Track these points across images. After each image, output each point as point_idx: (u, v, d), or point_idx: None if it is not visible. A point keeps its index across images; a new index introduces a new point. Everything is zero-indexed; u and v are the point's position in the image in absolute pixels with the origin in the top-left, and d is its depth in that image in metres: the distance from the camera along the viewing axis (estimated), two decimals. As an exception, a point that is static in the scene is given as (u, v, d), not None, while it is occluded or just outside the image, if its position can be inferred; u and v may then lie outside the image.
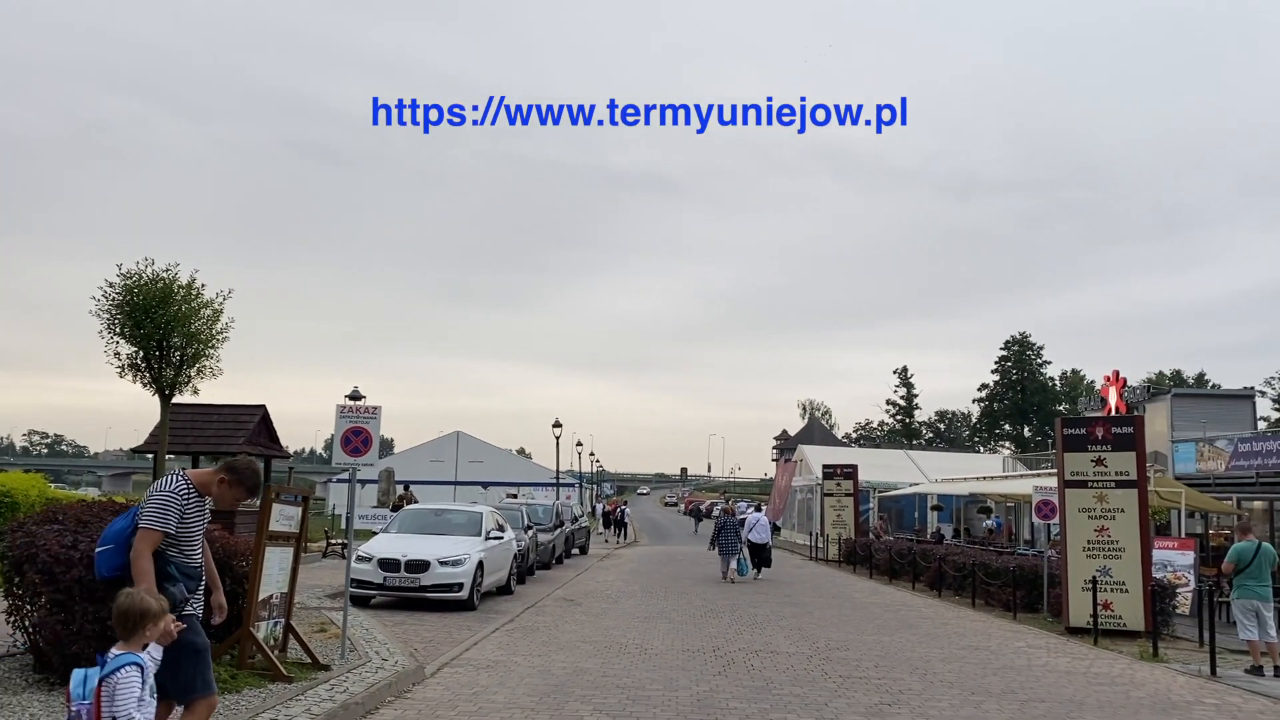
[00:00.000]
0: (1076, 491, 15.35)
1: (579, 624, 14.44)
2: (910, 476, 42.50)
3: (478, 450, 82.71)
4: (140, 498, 5.57)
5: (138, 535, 4.79)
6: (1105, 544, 15.02)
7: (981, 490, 31.97)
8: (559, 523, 27.24)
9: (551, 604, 17.12)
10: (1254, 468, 25.64)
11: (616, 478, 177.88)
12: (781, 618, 15.87)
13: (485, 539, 16.67)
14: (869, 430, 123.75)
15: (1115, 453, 15.16)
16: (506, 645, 12.15)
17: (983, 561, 19.16)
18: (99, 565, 5.00)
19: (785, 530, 50.23)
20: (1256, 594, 11.68)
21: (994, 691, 9.75)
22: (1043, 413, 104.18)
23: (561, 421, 50.14)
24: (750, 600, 18.63)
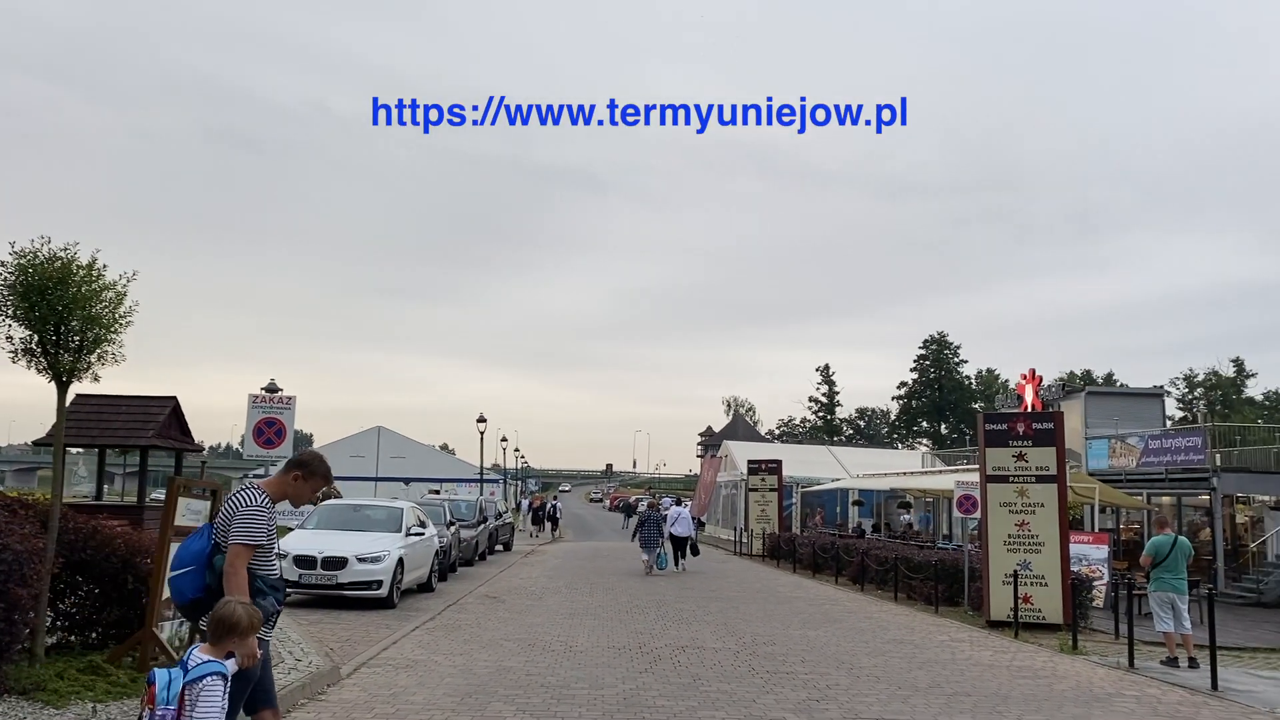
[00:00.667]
0: (998, 486, 15.52)
1: (502, 621, 14.14)
2: (832, 472, 42.97)
3: (399, 446, 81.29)
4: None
5: (232, 551, 4.71)
6: (1025, 538, 15.22)
7: (902, 485, 32.42)
8: (482, 519, 26.82)
9: (474, 601, 16.77)
10: (1163, 464, 26.37)
11: (542, 474, 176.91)
12: (707, 613, 15.77)
13: (405, 535, 16.24)
14: (792, 427, 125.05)
15: (1036, 448, 15.37)
16: (427, 644, 11.80)
17: (905, 556, 19.34)
18: (182, 589, 4.87)
19: (710, 525, 50.40)
20: (1173, 587, 11.91)
21: (920, 686, 9.74)
22: (959, 410, 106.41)
23: (486, 417, 49.53)
24: (676, 595, 18.51)
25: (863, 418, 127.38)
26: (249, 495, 4.90)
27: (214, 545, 4.83)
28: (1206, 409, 62.09)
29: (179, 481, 9.01)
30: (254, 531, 4.79)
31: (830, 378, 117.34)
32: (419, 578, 17.26)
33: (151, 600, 8.59)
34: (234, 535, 4.75)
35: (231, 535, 4.76)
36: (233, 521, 4.79)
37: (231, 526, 4.79)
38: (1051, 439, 15.35)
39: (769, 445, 64.86)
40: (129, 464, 34.72)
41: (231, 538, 4.75)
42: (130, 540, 9.25)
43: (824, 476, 41.63)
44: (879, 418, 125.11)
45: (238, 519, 4.79)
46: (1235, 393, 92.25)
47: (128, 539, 9.22)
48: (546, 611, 15.48)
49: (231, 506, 4.86)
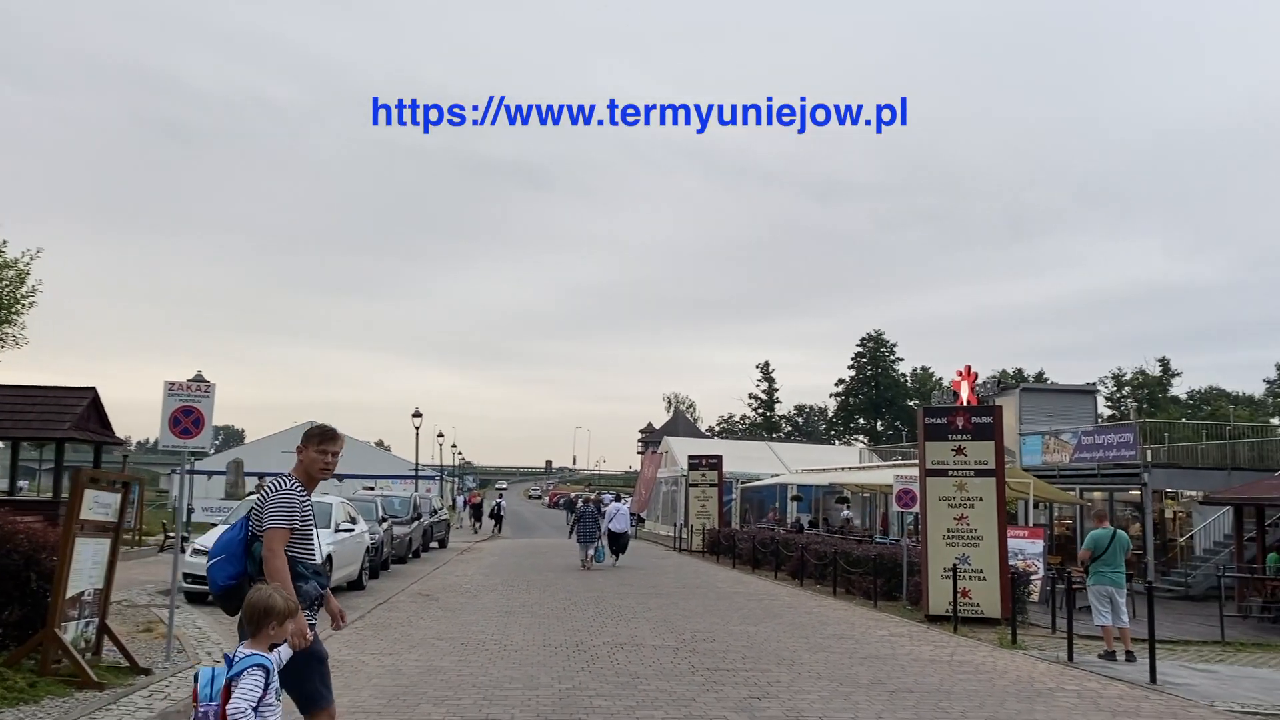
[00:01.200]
0: (937, 480, 15.49)
1: (435, 620, 13.71)
2: (772, 468, 43.05)
3: (333, 441, 79.74)
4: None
5: (268, 535, 4.68)
6: (964, 532, 15.20)
7: (841, 481, 32.52)
8: (416, 515, 26.26)
9: (406, 599, 16.30)
10: (1096, 460, 26.75)
11: (480, 470, 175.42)
12: (646, 609, 15.50)
13: (334, 531, 15.72)
14: (731, 423, 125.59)
15: (975, 442, 15.36)
16: (354, 644, 11.35)
17: (844, 550, 19.27)
18: (214, 577, 4.85)
19: (650, 521, 50.24)
20: (1111, 580, 11.92)
21: (862, 682, 9.56)
22: (895, 407, 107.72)
23: (422, 412, 48.72)
24: (615, 592, 18.22)
25: (801, 415, 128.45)
26: (279, 481, 4.90)
27: (251, 535, 4.79)
28: (1136, 406, 63.51)
29: (85, 474, 8.47)
30: (288, 512, 4.75)
31: (770, 375, 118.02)
32: (349, 575, 16.75)
33: (54, 598, 8.05)
34: (268, 519, 4.72)
35: (265, 519, 4.73)
36: (265, 507, 4.77)
37: (265, 513, 4.75)
38: (990, 433, 15.35)
39: (709, 441, 64.88)
40: (46, 458, 33.43)
41: (266, 523, 4.71)
42: (35, 536, 8.69)
43: (764, 472, 41.69)
44: (817, 415, 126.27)
45: (270, 503, 4.77)
46: (1161, 391, 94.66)
47: (31, 535, 8.66)
48: (481, 609, 15.08)
49: (263, 495, 4.86)
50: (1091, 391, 35.48)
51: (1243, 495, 19.87)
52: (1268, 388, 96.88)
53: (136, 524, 25.20)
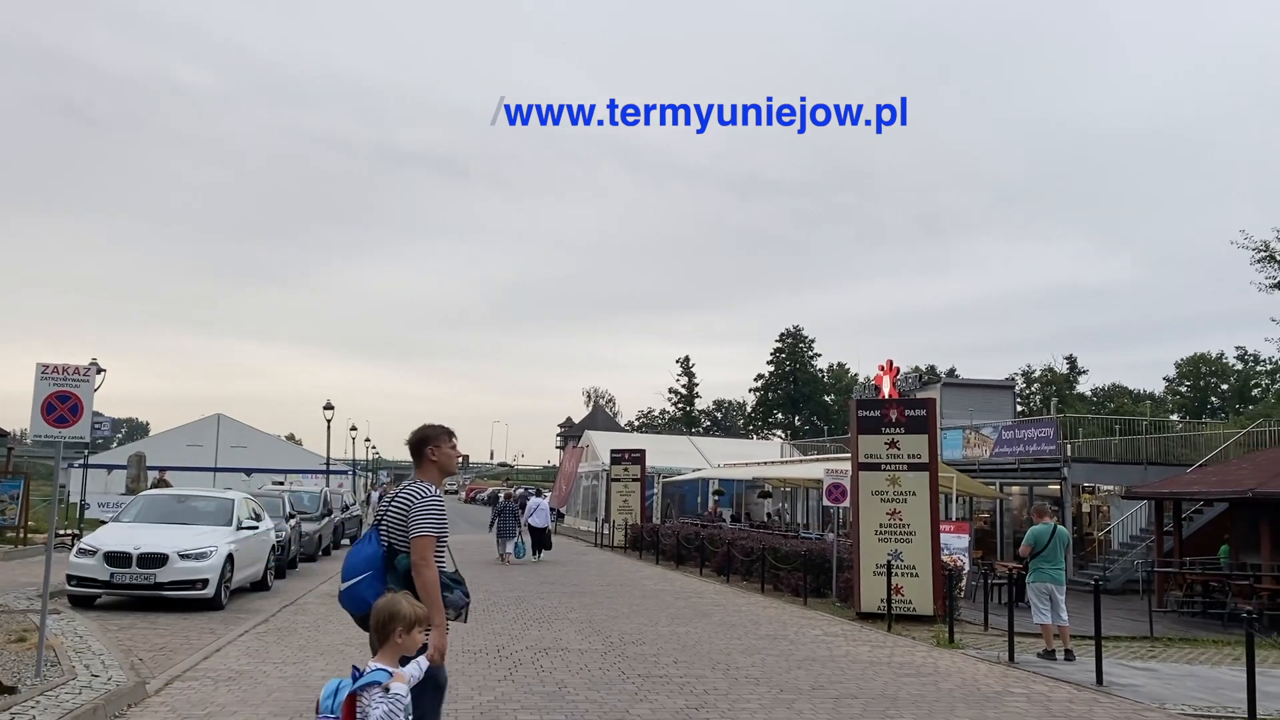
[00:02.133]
0: (870, 474, 15.12)
1: (344, 623, 12.79)
2: (694, 462, 42.69)
3: (241, 434, 77.22)
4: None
5: (419, 543, 4.43)
6: (897, 527, 14.86)
7: (765, 475, 32.24)
8: (326, 511, 25.13)
9: (315, 600, 15.35)
10: (1016, 454, 26.90)
11: (394, 465, 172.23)
12: (570, 609, 14.82)
13: (237, 529, 14.68)
14: (652, 418, 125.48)
15: (908, 435, 15.03)
16: (256, 651, 10.44)
17: (772, 546, 18.85)
18: (362, 596, 4.47)
19: (570, 517, 49.51)
20: (1051, 577, 11.64)
21: (803, 688, 9.04)
22: (812, 403, 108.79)
23: (335, 406, 47.20)
24: (536, 591, 17.50)
25: (720, 410, 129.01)
26: (421, 489, 4.62)
27: (389, 547, 4.53)
28: (1054, 400, 64.87)
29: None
30: (437, 522, 4.53)
31: (690, 370, 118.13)
32: (253, 575, 15.71)
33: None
34: (417, 528, 4.46)
35: (414, 529, 4.47)
36: (410, 516, 4.51)
37: (411, 521, 4.49)
38: (924, 426, 15.04)
39: (631, 435, 64.42)
40: (-75, 452, 31.36)
41: (414, 531, 4.46)
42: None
43: (685, 466, 41.30)
44: (736, 410, 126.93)
45: (417, 512, 4.50)
46: (1069, 388, 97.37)
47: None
48: (395, 611, 14.21)
49: (404, 504, 4.57)
50: (1009, 386, 35.87)
51: (1164, 490, 20.02)
52: (1167, 385, 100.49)
53: (20, 521, 23.59)
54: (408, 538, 4.47)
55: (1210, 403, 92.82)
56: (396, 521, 4.56)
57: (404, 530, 4.50)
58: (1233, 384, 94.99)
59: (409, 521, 4.49)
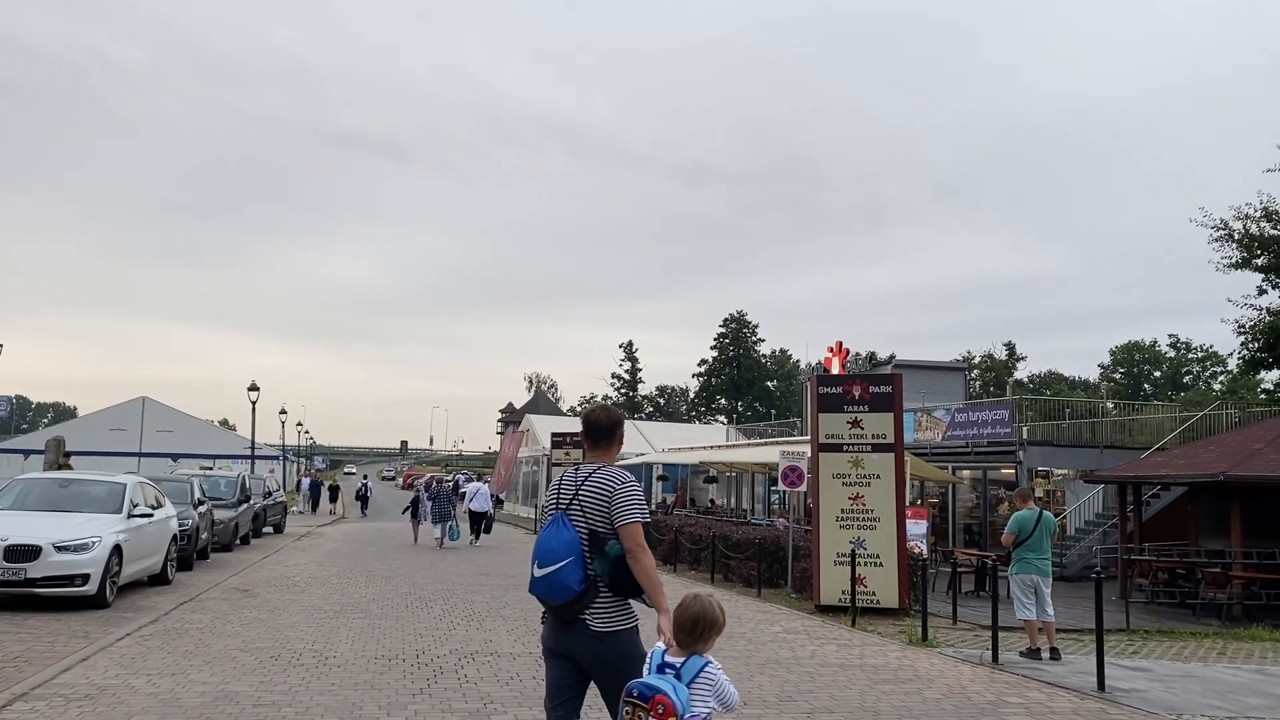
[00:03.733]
0: (831, 456, 13.97)
1: (246, 624, 11.32)
2: (637, 446, 41.46)
3: (167, 418, 74.41)
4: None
5: (631, 529, 4.15)
6: (860, 513, 13.73)
7: (712, 459, 31.09)
8: (244, 498, 23.37)
9: (219, 596, 13.78)
10: (969, 437, 26.07)
11: (332, 451, 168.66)
12: (504, 605, 13.46)
13: (128, 517, 13.05)
14: (594, 403, 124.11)
15: (873, 414, 13.89)
16: (131, 660, 8.91)
17: (723, 534, 17.64)
18: (564, 582, 4.11)
19: (510, 503, 48.06)
20: (1037, 568, 10.56)
21: (770, 700, 7.79)
22: (755, 388, 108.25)
23: (259, 385, 44.91)
24: (467, 584, 16.08)
25: (663, 395, 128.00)
26: (619, 474, 4.32)
27: (591, 531, 4.19)
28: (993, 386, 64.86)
29: None
30: (642, 507, 4.27)
31: (633, 354, 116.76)
32: (149, 568, 14.09)
33: None
34: (626, 515, 4.18)
35: (623, 516, 4.18)
36: (613, 502, 4.22)
37: (616, 507, 4.20)
38: (890, 404, 13.92)
39: (573, 419, 63.01)
40: None
41: (624, 518, 4.18)
42: None
43: (628, 451, 40.04)
44: (678, 395, 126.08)
45: (622, 498, 4.23)
46: (1008, 375, 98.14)
47: None
48: (306, 608, 12.73)
49: (601, 489, 4.26)
50: (961, 369, 35.15)
51: (1129, 473, 19.21)
52: (1102, 372, 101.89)
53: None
54: (608, 522, 4.18)
55: (1144, 389, 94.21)
56: (595, 505, 4.24)
57: (603, 515, 4.20)
58: (1165, 371, 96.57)
59: (610, 507, 4.20)
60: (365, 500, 49.29)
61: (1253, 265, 25.23)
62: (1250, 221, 24.92)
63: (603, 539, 4.15)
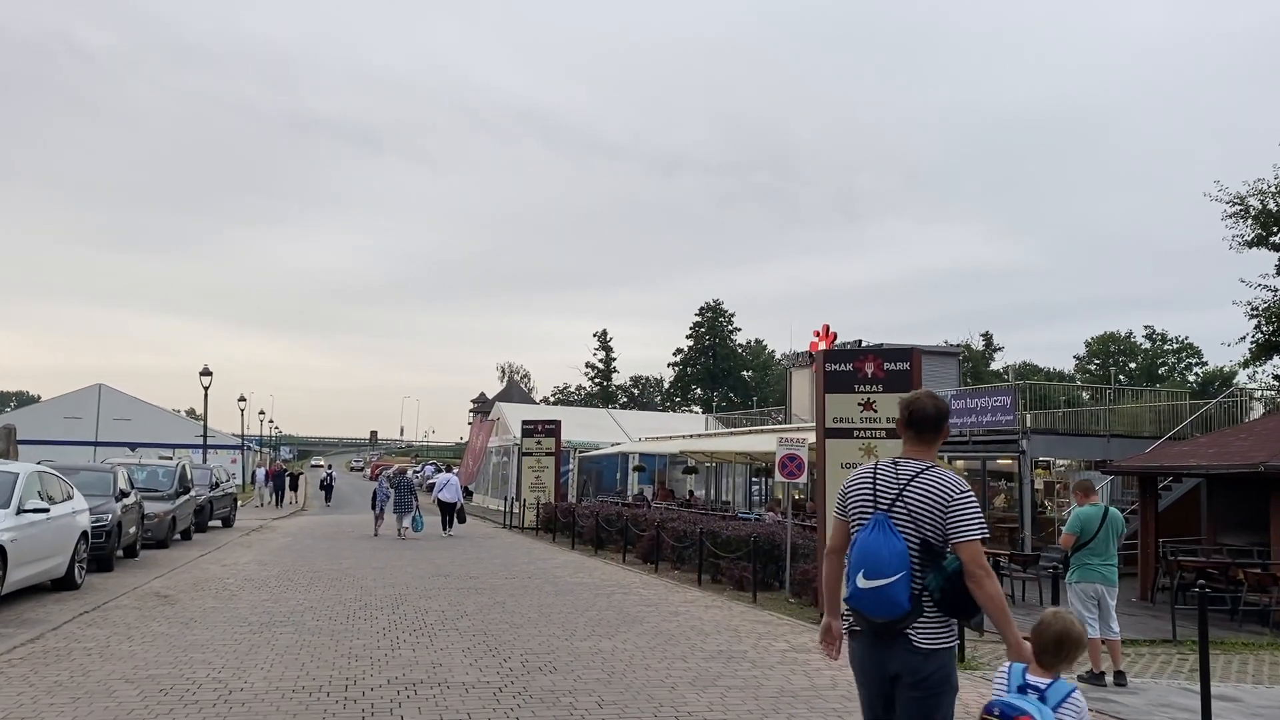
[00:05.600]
0: (839, 442, 12.18)
1: (148, 641, 9.40)
2: (613, 436, 39.71)
3: (125, 407, 71.76)
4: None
5: (974, 548, 3.72)
6: (873, 508, 11.95)
7: (693, 449, 29.30)
8: (182, 489, 21.31)
9: (130, 604, 11.84)
10: (966, 426, 24.45)
11: (301, 441, 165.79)
12: (461, 614, 11.60)
13: (17, 512, 11.09)
14: (568, 394, 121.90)
15: (887, 394, 12.09)
16: (-24, 697, 7.01)
17: (711, 530, 15.84)
18: (895, 597, 3.67)
19: (479, 495, 46.15)
20: (1102, 576, 8.83)
21: (796, 754, 6.00)
22: (731, 378, 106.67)
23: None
24: (422, 587, 14.21)
25: (637, 385, 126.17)
26: (953, 476, 3.88)
27: (923, 542, 3.76)
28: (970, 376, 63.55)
29: None
30: (983, 520, 3.82)
31: (608, 344, 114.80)
32: (50, 571, 12.14)
33: None
34: (970, 525, 3.75)
35: (964, 532, 3.74)
36: (949, 511, 3.77)
37: (954, 519, 3.76)
38: (907, 383, 12.11)
39: (546, 408, 61.13)
40: None
41: (965, 534, 3.74)
42: None
43: (603, 441, 38.27)
44: (653, 386, 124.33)
45: (960, 507, 3.78)
46: (984, 365, 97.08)
47: None
48: (228, 619, 10.82)
49: (933, 493, 3.79)
50: (956, 354, 33.54)
51: (1150, 463, 17.59)
52: (1077, 363, 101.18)
53: None
54: (941, 532, 3.76)
55: (1119, 380, 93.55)
56: (926, 511, 3.79)
57: (936, 523, 3.77)
58: (1140, 362, 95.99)
59: (945, 516, 3.77)
60: (329, 490, 48.82)
61: (1269, 244, 23.71)
62: (1268, 197, 23.39)
63: (936, 551, 3.77)
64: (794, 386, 36.16)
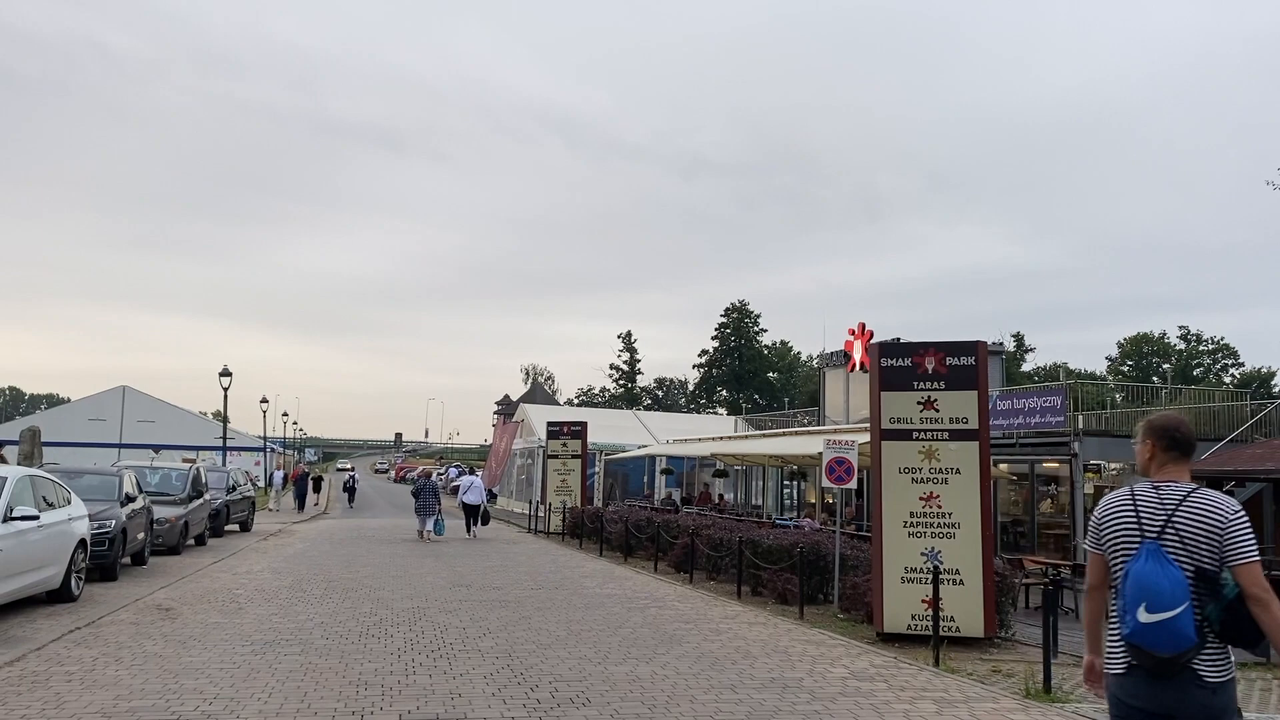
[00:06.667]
0: (896, 445, 11.12)
1: (138, 664, 8.48)
2: (638, 438, 38.72)
3: (148, 408, 71.59)
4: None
5: (1258, 572, 3.50)
6: (934, 517, 10.90)
7: (724, 450, 28.23)
8: (195, 493, 20.50)
9: (128, 618, 10.96)
10: (1012, 427, 23.30)
11: (326, 443, 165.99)
12: (484, 631, 10.62)
13: (4, 520, 10.22)
14: (592, 396, 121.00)
15: (950, 392, 11.05)
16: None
17: (751, 538, 14.79)
18: (1185, 629, 3.44)
19: (503, 498, 45.30)
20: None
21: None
22: (757, 380, 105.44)
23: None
24: (443, 599, 13.25)
25: (661, 388, 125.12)
26: (1224, 498, 3.62)
27: (1198, 569, 3.52)
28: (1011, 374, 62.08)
29: None
30: (1256, 541, 3.67)
31: (632, 345, 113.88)
32: (41, 583, 11.27)
33: None
34: (1247, 550, 3.53)
35: (1243, 550, 3.53)
36: (1226, 535, 3.54)
37: (1232, 541, 3.53)
38: (972, 379, 11.08)
39: (571, 409, 60.22)
40: None
41: (1245, 553, 3.52)
42: None
43: (629, 443, 37.28)
44: (677, 388, 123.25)
45: (1236, 530, 3.54)
46: (1016, 366, 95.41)
47: None
48: (230, 637, 9.90)
49: (1208, 516, 3.57)
50: (999, 351, 32.23)
51: (1226, 467, 16.41)
52: (1110, 364, 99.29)
53: None
54: (1217, 557, 3.53)
55: (1152, 381, 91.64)
56: (1201, 537, 3.56)
57: (1211, 549, 3.54)
58: (1175, 363, 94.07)
59: (1222, 540, 3.54)
60: (352, 493, 49.01)
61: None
62: (1336, 184, 22.12)
63: (1210, 578, 3.53)
64: (827, 387, 35.01)
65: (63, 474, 14.34)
